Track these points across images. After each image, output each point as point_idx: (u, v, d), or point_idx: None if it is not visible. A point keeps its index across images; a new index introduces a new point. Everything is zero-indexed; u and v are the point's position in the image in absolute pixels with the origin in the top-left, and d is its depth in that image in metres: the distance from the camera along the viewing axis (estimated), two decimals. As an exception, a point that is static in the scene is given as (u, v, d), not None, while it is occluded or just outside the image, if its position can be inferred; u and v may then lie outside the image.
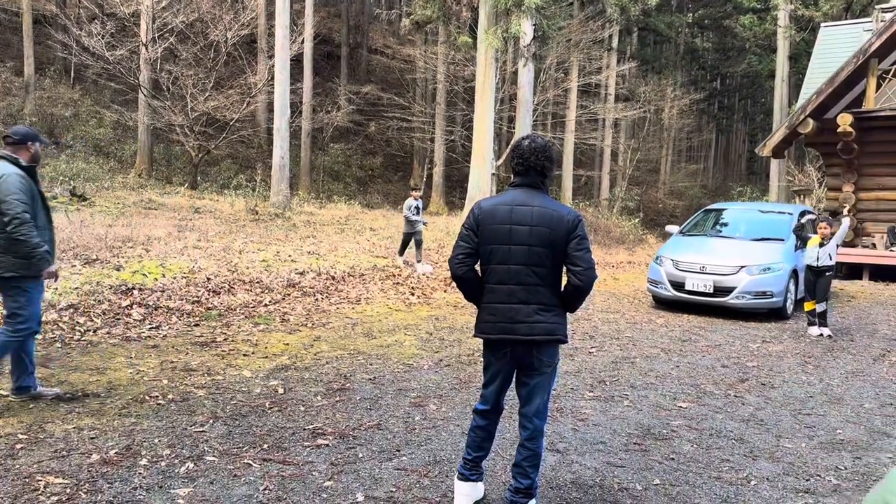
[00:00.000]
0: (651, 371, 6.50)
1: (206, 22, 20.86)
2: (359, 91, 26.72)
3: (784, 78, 27.78)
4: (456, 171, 27.28)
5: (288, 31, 17.59)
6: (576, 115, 26.94)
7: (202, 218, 13.72)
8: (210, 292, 8.31)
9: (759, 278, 9.43)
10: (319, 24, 27.90)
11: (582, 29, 24.54)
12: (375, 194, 26.22)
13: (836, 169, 16.27)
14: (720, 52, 40.25)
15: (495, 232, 3.28)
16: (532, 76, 21.99)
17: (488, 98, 18.22)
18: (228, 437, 4.31)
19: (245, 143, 24.94)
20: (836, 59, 16.52)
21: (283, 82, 17.14)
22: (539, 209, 3.28)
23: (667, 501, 3.69)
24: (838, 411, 5.45)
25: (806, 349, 7.82)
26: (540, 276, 3.27)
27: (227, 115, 20.28)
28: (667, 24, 35.08)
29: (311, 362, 6.13)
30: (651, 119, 31.10)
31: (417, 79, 27.90)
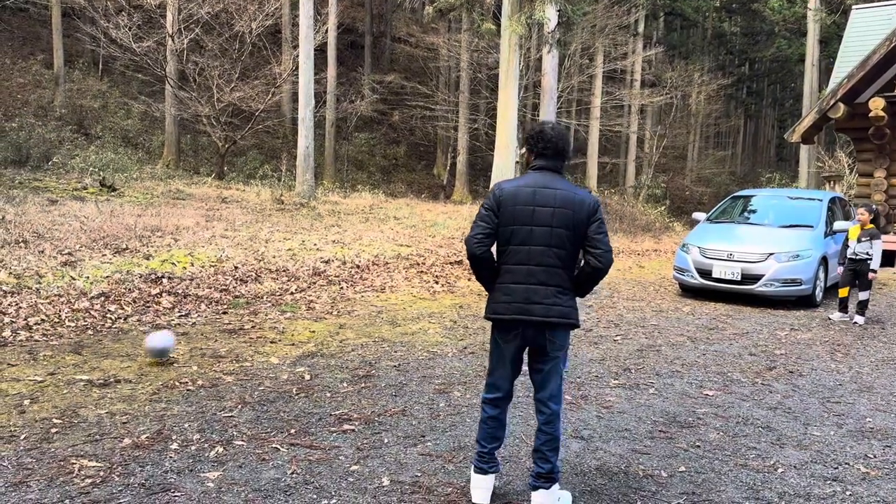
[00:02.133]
0: (677, 359, 6.46)
1: (231, 13, 20.98)
2: (382, 80, 26.74)
3: (814, 62, 27.25)
4: (480, 159, 27.22)
5: (311, 20, 17.64)
6: (601, 102, 26.70)
7: (229, 208, 13.87)
8: (237, 281, 8.41)
9: (789, 265, 9.31)
10: (343, 13, 27.93)
11: (607, 14, 24.27)
12: (399, 183, 26.26)
13: (867, 154, 15.96)
14: (748, 37, 39.56)
15: (518, 213, 3.28)
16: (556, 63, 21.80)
17: (512, 86, 18.12)
18: (256, 422, 4.38)
19: (270, 133, 25.11)
20: (867, 42, 16.14)
21: (307, 72, 17.21)
22: (562, 192, 3.31)
23: (692, 488, 3.68)
24: (868, 399, 5.39)
25: (835, 337, 7.71)
26: (560, 258, 3.29)
27: (253, 106, 20.43)
28: (694, 7, 34.56)
29: (336, 349, 6.19)
30: (678, 105, 30.72)
31: (441, 67, 27.82)
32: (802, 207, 10.64)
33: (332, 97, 24.63)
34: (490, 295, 3.44)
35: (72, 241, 9.23)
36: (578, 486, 3.65)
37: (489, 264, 3.38)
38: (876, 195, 15.31)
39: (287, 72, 21.29)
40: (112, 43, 20.36)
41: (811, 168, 25.37)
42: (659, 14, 33.29)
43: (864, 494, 3.68)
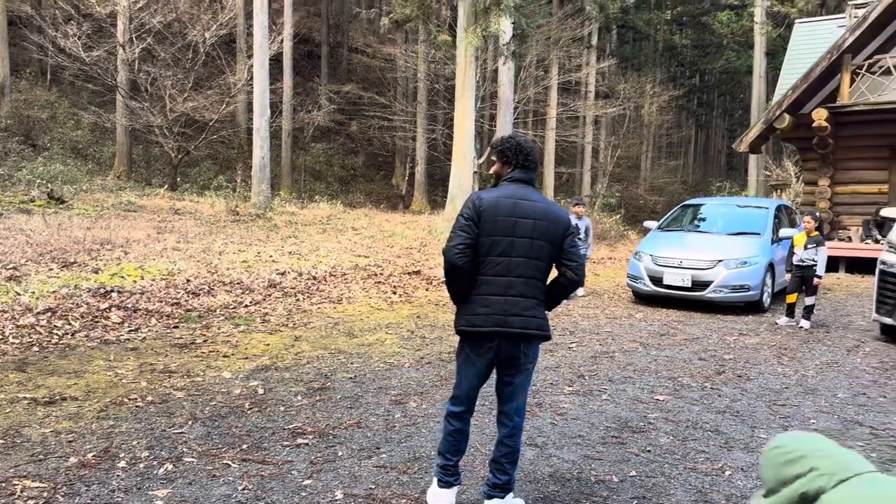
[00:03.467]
0: (629, 365, 6.57)
1: (184, 22, 20.71)
2: (339, 90, 26.65)
3: (761, 74, 28.06)
4: (438, 169, 27.31)
5: (266, 30, 17.52)
6: (556, 113, 27.04)
7: (182, 219, 13.64)
8: (190, 294, 8.28)
9: (737, 272, 9.55)
10: (299, 23, 27.77)
11: (561, 27, 24.66)
12: (358, 193, 26.17)
13: (812, 163, 16.49)
14: (698, 49, 40.56)
15: (499, 224, 3.26)
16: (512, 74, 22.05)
17: (468, 97, 18.26)
18: (207, 437, 4.31)
19: (225, 143, 24.79)
20: (811, 54, 16.72)
21: (262, 82, 17.08)
22: (541, 204, 3.35)
23: (642, 492, 3.74)
24: (812, 402, 5.55)
25: (782, 341, 7.93)
26: (539, 269, 3.32)
27: (207, 116, 20.15)
28: (645, 21, 35.32)
29: (291, 362, 6.14)
30: (631, 116, 31.29)
31: (398, 77, 27.87)
32: (750, 215, 10.93)
33: (288, 107, 24.46)
34: (462, 307, 3.37)
35: (17, 255, 8.97)
36: (532, 494, 3.68)
37: (469, 275, 3.31)
38: (820, 203, 15.82)
39: (242, 81, 21.08)
40: (60, 52, 19.90)
41: (760, 177, 26.07)
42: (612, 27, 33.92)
43: (808, 494, 3.78)
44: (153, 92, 19.54)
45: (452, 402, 3.50)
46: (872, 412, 5.30)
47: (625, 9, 29.75)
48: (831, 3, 28.78)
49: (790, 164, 21.81)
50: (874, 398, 5.69)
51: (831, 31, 18.30)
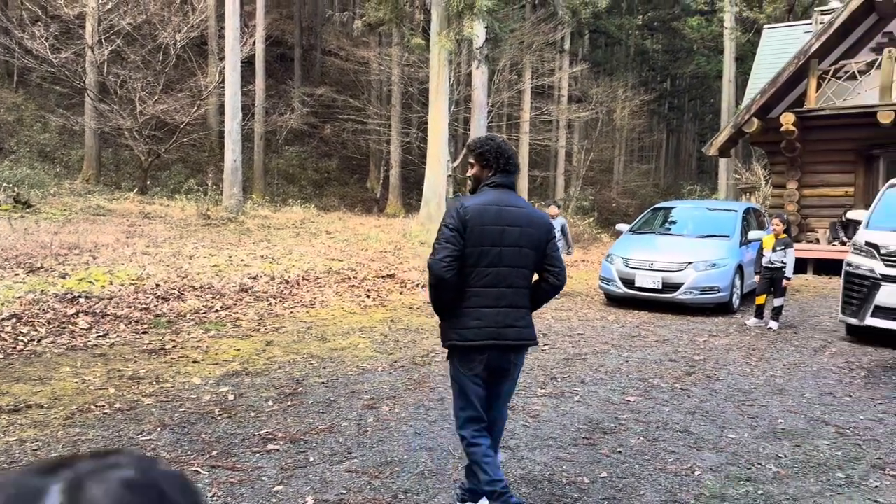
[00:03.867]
0: (601, 367, 6.62)
1: (155, 24, 20.45)
2: (313, 93, 26.52)
3: (731, 78, 28.46)
4: (413, 172, 27.28)
5: (238, 32, 17.38)
6: (530, 117, 27.18)
7: (152, 223, 13.47)
8: (159, 299, 8.17)
9: (706, 274, 9.67)
10: (271, 25, 27.61)
11: (534, 31, 24.79)
12: (332, 197, 26.06)
13: (780, 167, 16.75)
14: (669, 54, 41.07)
15: (486, 233, 3.15)
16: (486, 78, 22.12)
17: (442, 100, 18.28)
18: (176, 444, 4.26)
19: (196, 146, 24.53)
20: (778, 59, 17.00)
21: (233, 84, 16.94)
22: (525, 210, 3.26)
23: (613, 493, 3.77)
24: (780, 402, 5.63)
25: (751, 342, 8.04)
26: (527, 278, 3.25)
27: (178, 119, 19.91)
28: (617, 26, 35.66)
29: (262, 367, 6.08)
30: (603, 120, 31.56)
31: (372, 81, 27.82)
32: (719, 218, 11.08)
33: (260, 110, 24.28)
34: (452, 321, 3.23)
35: (-19, 260, 8.80)
36: (503, 497, 3.69)
37: (455, 287, 3.18)
38: (788, 205, 16.08)
39: (213, 84, 20.87)
40: (28, 54, 19.53)
41: (729, 180, 26.43)
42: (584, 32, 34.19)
43: (776, 493, 3.84)
44: (123, 94, 19.26)
45: (468, 425, 3.27)
46: (838, 411, 5.40)
47: (597, 14, 30.00)
48: (798, 10, 29.32)
49: (759, 168, 22.14)
50: (840, 397, 5.79)
51: (798, 36, 18.63)
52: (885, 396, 5.81)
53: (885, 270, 7.53)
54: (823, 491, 3.87)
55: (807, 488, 3.90)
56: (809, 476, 4.09)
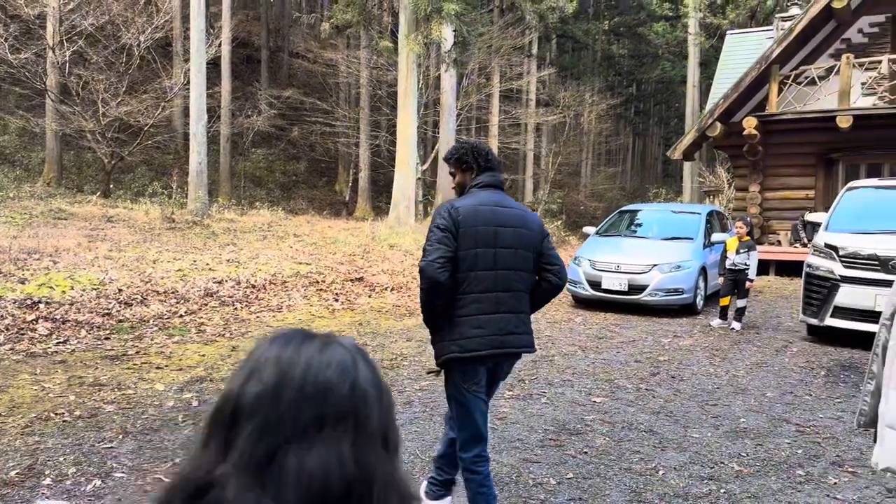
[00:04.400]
0: (568, 368, 6.67)
1: (118, 24, 20.10)
2: (280, 95, 26.30)
3: (695, 83, 28.91)
4: (382, 175, 27.22)
5: (204, 34, 17.17)
6: (499, 120, 27.30)
7: (115, 227, 13.23)
8: (122, 304, 8.03)
9: (671, 276, 9.81)
10: (238, 27, 27.33)
11: (502, 35, 24.92)
12: (300, 200, 25.85)
13: (742, 170, 17.05)
14: (635, 59, 41.57)
15: (480, 234, 2.97)
16: (454, 81, 22.17)
17: (411, 103, 18.28)
18: (139, 452, 4.19)
19: (161, 149, 24.16)
20: (741, 65, 17.32)
21: (199, 86, 16.73)
22: (517, 210, 3.12)
23: (579, 494, 3.79)
24: (742, 401, 5.73)
25: (714, 342, 8.17)
26: (525, 280, 3.08)
27: (142, 121, 19.59)
28: (584, 31, 36.01)
29: (227, 373, 6.01)
30: (571, 124, 31.82)
31: (340, 83, 27.69)
32: (683, 221, 11.24)
33: (226, 112, 24.01)
34: (447, 331, 3.00)
35: (-64, 265, 8.56)
36: (470, 499, 3.69)
37: (449, 292, 2.97)
38: (751, 208, 16.37)
39: (178, 86, 20.57)
40: (-15, 54, 19.08)
41: (694, 183, 26.84)
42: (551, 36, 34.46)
43: (737, 491, 3.90)
44: (85, 96, 18.90)
45: (470, 447, 3.06)
46: (799, 410, 5.51)
47: (564, 19, 30.26)
48: (760, 16, 29.91)
49: (722, 171, 22.51)
50: (801, 396, 5.91)
51: (760, 42, 19.00)
52: (844, 395, 5.94)
53: (843, 272, 7.70)
54: (784, 488, 3.94)
55: (768, 486, 3.97)
56: (770, 474, 4.16)
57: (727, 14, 29.50)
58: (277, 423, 0.80)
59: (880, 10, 15.64)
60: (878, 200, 8.55)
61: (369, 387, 0.87)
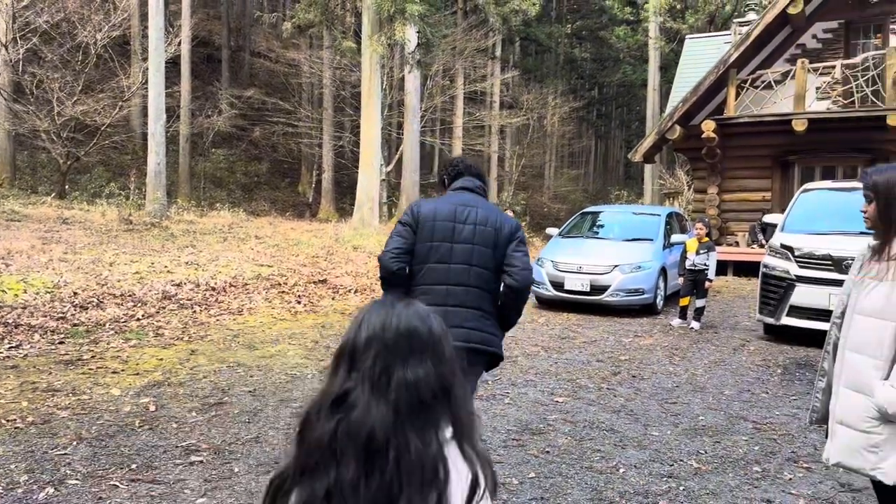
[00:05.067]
0: (531, 368, 6.70)
1: (74, 22, 19.64)
2: (241, 95, 25.97)
3: (655, 87, 29.36)
4: (346, 176, 27.05)
5: (163, 32, 16.88)
6: (463, 122, 27.38)
7: (70, 229, 12.91)
8: (77, 308, 7.83)
9: (632, 276, 9.93)
10: (198, 25, 26.92)
11: (466, 37, 25.00)
12: (262, 201, 25.56)
13: (701, 172, 17.35)
14: (597, 62, 42.05)
15: (437, 229, 3.11)
16: (418, 83, 22.17)
17: (374, 104, 18.22)
18: (93, 458, 4.09)
19: (118, 149, 23.67)
20: (700, 69, 17.62)
21: (157, 85, 16.43)
22: (483, 210, 3.21)
23: (541, 493, 3.81)
24: (701, 399, 5.82)
25: (674, 342, 8.29)
26: (482, 278, 3.13)
27: (99, 120, 19.16)
28: (547, 34, 36.30)
29: (186, 377, 5.90)
30: (534, 126, 32.05)
31: (303, 83, 27.47)
32: (644, 222, 11.39)
33: (186, 111, 23.63)
34: None
35: None
36: (432, 501, 3.67)
37: (403, 283, 3.14)
38: (709, 210, 16.66)
39: (136, 85, 20.18)
40: (-67, 50, 18.47)
41: (655, 185, 27.25)
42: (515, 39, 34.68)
43: (696, 488, 3.96)
44: (39, 95, 18.41)
45: None
46: (756, 407, 5.61)
47: (527, 22, 30.47)
48: (719, 21, 30.48)
49: (682, 174, 22.90)
50: (757, 394, 6.03)
51: (719, 46, 19.35)
52: (800, 392, 6.07)
53: (799, 272, 7.87)
54: (741, 485, 4.01)
55: (726, 483, 4.04)
56: (728, 471, 4.23)
57: (686, 19, 30.04)
58: (384, 351, 1.25)
59: (833, 16, 16.07)
60: (832, 202, 8.75)
61: (439, 331, 1.32)
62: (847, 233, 7.66)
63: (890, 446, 2.33)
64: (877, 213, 2.46)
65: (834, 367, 2.57)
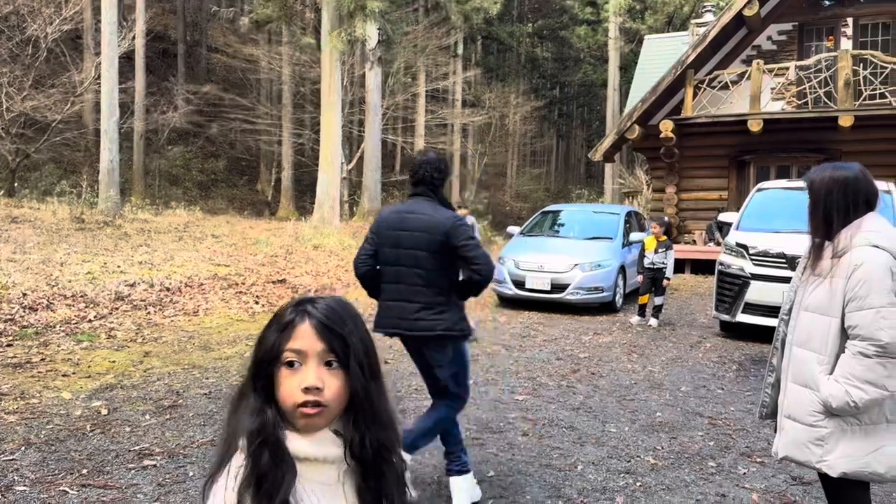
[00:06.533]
0: (492, 367, 6.71)
1: (23, 15, 19.09)
2: (198, 91, 25.52)
3: (615, 87, 29.70)
4: (306, 174, 26.78)
5: (116, 26, 16.48)
6: (425, 120, 27.34)
7: (19, 228, 12.53)
8: (26, 309, 7.60)
9: (591, 274, 10.02)
10: (152, 20, 26.35)
11: (427, 35, 24.96)
12: (219, 199, 25.18)
13: (660, 172, 17.59)
14: (559, 62, 42.37)
15: (388, 236, 3.61)
16: (380, 80, 22.07)
17: (334, 101, 18.07)
18: (42, 464, 3.96)
19: (70, 146, 23.07)
20: (659, 69, 17.84)
21: (110, 80, 16.04)
22: (424, 217, 3.57)
23: (500, 492, 3.81)
24: (658, 395, 5.89)
25: (632, 339, 8.39)
26: (422, 277, 3.55)
27: (49, 116, 18.66)
28: (508, 33, 36.47)
29: (139, 380, 5.76)
30: (496, 125, 32.17)
31: (262, 79, 27.11)
32: (603, 221, 11.50)
33: (140, 108, 23.15)
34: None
35: None
36: (391, 502, 3.65)
37: (372, 281, 3.72)
38: (668, 209, 16.91)
39: (89, 80, 19.68)
40: None
41: (615, 185, 27.57)
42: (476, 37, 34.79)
43: (652, 483, 4.00)
44: (-14, 89, 17.85)
45: None
46: (711, 403, 5.70)
47: (488, 20, 30.57)
48: (677, 21, 30.98)
49: (641, 173, 23.20)
50: (713, 390, 6.13)
51: (677, 47, 19.62)
52: (754, 388, 6.19)
53: (753, 269, 8.02)
54: (697, 480, 4.07)
55: (682, 478, 4.09)
56: (684, 466, 4.29)
57: (646, 19, 30.46)
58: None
59: (787, 18, 16.42)
60: (786, 201, 8.91)
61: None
62: (801, 231, 7.77)
63: (834, 440, 2.38)
64: (810, 210, 2.51)
65: (782, 362, 2.62)
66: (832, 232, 2.45)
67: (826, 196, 2.46)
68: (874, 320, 2.27)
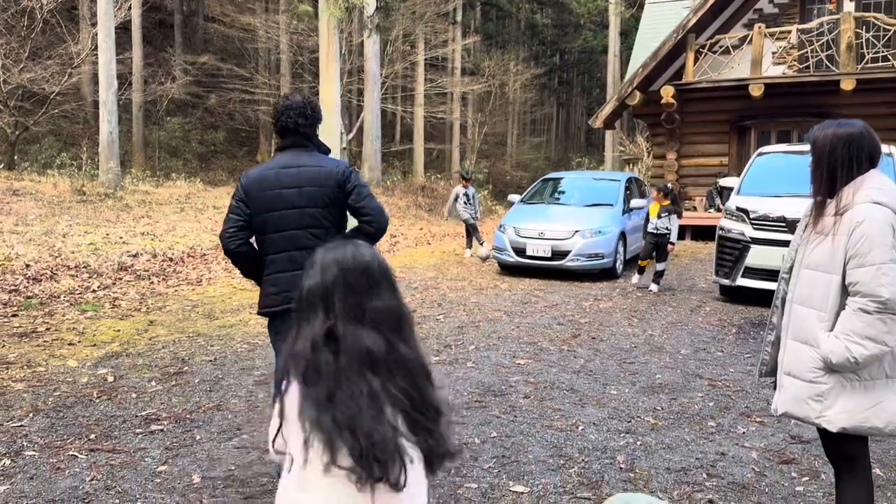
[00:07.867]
0: (494, 333, 6.76)
1: (17, -15, 18.86)
2: (195, 61, 25.27)
3: (616, 53, 29.39)
4: (305, 145, 26.59)
5: (111, -4, 16.30)
6: (424, 89, 27.11)
7: (21, 201, 12.54)
8: (30, 280, 7.65)
9: (591, 241, 10.04)
10: (149, -11, 26.04)
11: (426, 1, 24.64)
12: (219, 170, 25.11)
13: (660, 138, 17.51)
14: (558, 28, 41.89)
15: (265, 199, 3.13)
16: (378, 48, 21.85)
17: (333, 70, 17.90)
18: (51, 429, 4.03)
19: (69, 118, 22.96)
20: (660, 34, 17.64)
21: (108, 51, 15.90)
22: (305, 168, 3.16)
23: (502, 452, 3.88)
24: (658, 358, 5.95)
25: (632, 304, 8.44)
26: (319, 237, 3.10)
27: (47, 88, 18.54)
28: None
29: (144, 348, 5.83)
30: (496, 93, 31.90)
31: (259, 49, 26.84)
32: (603, 188, 11.49)
33: (138, 79, 22.97)
34: (260, 290, 3.29)
35: None
36: (395, 462, 3.71)
37: (248, 257, 3.24)
38: (668, 175, 16.86)
39: (86, 51, 19.52)
40: None
41: (615, 152, 27.43)
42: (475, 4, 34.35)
43: (652, 443, 4.06)
44: (-18, 61, 17.71)
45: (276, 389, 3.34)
46: (711, 366, 5.76)
47: (487, -14, 30.18)
48: (677, -13, 30.50)
49: (642, 140, 23.08)
50: (713, 353, 6.18)
51: (678, 12, 19.36)
52: (753, 350, 6.24)
53: (753, 233, 8.04)
54: (697, 439, 4.13)
55: (682, 437, 4.15)
56: (684, 426, 4.35)
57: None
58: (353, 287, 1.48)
59: (789, -19, 16.21)
60: (786, 165, 8.90)
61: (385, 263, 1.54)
62: (801, 195, 7.81)
63: (834, 395, 2.42)
64: (813, 167, 2.52)
65: (782, 320, 2.65)
66: (835, 188, 2.45)
67: (830, 152, 2.46)
68: (875, 277, 2.29)
